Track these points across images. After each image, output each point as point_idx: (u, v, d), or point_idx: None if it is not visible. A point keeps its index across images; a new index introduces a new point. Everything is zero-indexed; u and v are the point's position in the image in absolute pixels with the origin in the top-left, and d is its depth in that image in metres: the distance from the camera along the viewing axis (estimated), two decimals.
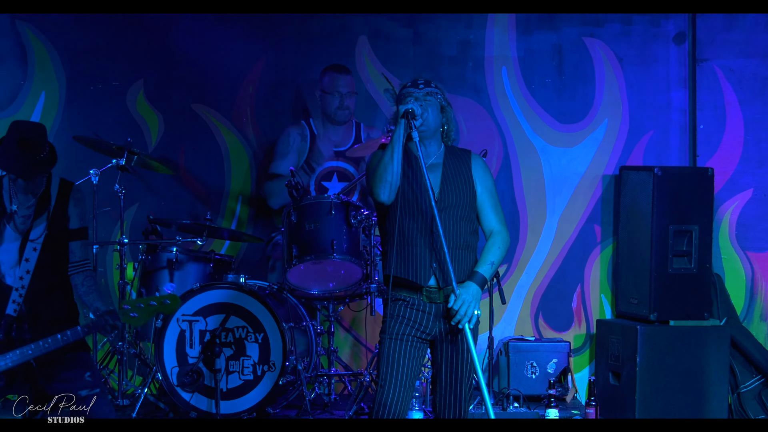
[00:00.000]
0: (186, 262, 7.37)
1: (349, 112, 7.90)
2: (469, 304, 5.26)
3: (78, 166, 7.92)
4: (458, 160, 5.47)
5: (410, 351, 5.33)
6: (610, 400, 7.47)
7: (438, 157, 5.45)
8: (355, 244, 7.23)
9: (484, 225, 5.45)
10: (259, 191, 8.06)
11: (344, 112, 7.88)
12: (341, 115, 7.88)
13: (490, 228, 5.44)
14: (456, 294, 5.26)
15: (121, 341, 7.28)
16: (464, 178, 5.43)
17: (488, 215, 5.45)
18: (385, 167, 5.29)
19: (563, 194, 8.22)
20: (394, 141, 5.31)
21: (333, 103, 7.86)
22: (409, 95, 5.39)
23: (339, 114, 7.88)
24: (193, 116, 8.21)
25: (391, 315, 5.36)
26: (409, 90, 5.42)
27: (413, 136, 5.31)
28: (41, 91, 8.13)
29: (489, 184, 5.47)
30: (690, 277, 7.40)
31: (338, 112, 7.87)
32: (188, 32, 8.17)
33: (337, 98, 7.85)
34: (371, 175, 5.36)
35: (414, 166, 5.37)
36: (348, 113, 7.90)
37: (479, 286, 5.32)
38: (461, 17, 8.17)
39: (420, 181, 5.36)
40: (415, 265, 5.33)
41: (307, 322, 7.26)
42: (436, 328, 5.34)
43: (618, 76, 8.21)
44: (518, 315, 8.22)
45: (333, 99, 7.86)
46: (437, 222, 5.24)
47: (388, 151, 5.30)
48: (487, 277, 5.35)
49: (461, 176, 5.43)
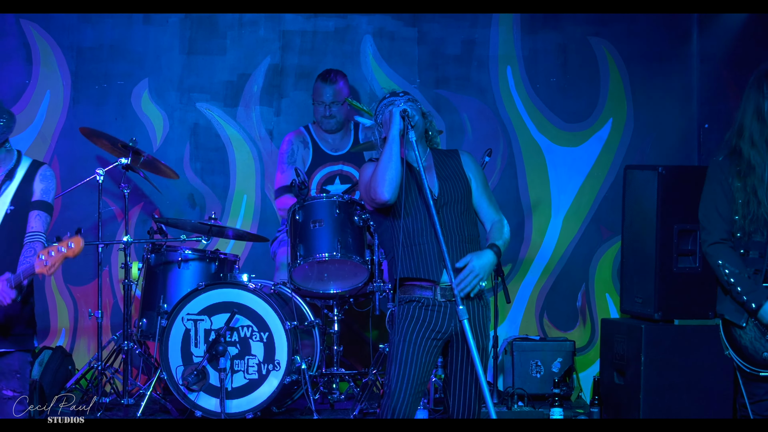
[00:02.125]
0: (191, 261, 7.37)
1: (335, 122, 7.89)
2: (477, 274, 5.26)
3: (83, 165, 7.94)
4: (447, 158, 5.52)
5: (422, 355, 5.30)
6: (615, 399, 7.46)
7: (427, 160, 5.48)
8: (361, 243, 7.23)
9: (483, 218, 5.48)
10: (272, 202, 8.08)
11: (329, 122, 7.88)
12: (326, 123, 7.89)
13: (491, 219, 5.47)
14: (467, 261, 5.26)
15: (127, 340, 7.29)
16: (458, 174, 5.47)
17: (486, 209, 5.49)
18: (385, 167, 5.30)
19: (568, 193, 8.22)
20: (391, 140, 5.33)
21: (318, 111, 7.88)
22: (391, 104, 5.44)
23: (324, 122, 7.89)
24: (197, 115, 8.22)
25: (404, 317, 5.34)
26: (390, 99, 5.48)
27: (410, 135, 5.33)
28: (46, 91, 8.13)
29: (481, 178, 5.52)
30: (695, 276, 7.39)
31: (323, 121, 7.88)
32: (193, 31, 8.18)
33: (321, 108, 7.87)
34: (370, 181, 5.35)
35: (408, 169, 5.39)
36: (334, 122, 7.89)
37: (495, 255, 5.32)
38: (466, 17, 8.18)
39: (418, 181, 5.37)
40: (425, 263, 5.33)
41: (312, 321, 7.27)
42: (451, 328, 5.32)
43: (623, 76, 8.21)
44: (523, 314, 8.22)
45: (318, 108, 7.88)
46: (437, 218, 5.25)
47: (386, 152, 5.32)
48: (502, 251, 5.36)
49: (454, 172, 5.47)
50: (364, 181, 5.44)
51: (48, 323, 8.13)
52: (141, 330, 7.36)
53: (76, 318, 8.16)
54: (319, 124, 7.93)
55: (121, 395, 7.23)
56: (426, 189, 5.29)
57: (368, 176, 5.41)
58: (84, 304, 8.11)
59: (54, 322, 8.15)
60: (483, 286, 5.34)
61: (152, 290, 7.39)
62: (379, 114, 5.49)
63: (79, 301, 8.15)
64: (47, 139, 8.11)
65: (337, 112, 7.87)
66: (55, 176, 5.50)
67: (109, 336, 7.69)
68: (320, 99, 7.87)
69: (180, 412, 7.11)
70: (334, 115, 7.87)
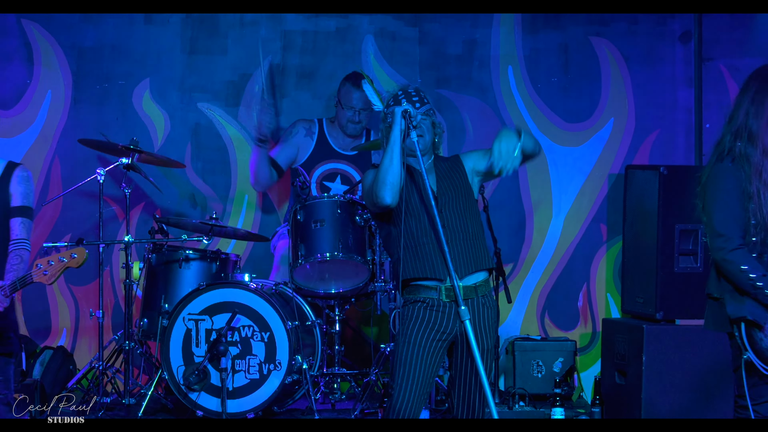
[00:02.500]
0: (192, 261, 7.37)
1: (361, 127, 7.87)
2: (509, 153, 5.24)
3: (84, 165, 7.94)
4: (448, 162, 5.51)
5: (427, 356, 5.29)
6: (616, 399, 7.46)
7: (429, 164, 5.47)
8: (362, 242, 7.23)
9: (489, 154, 5.39)
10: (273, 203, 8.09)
11: (356, 127, 7.85)
12: (352, 128, 7.85)
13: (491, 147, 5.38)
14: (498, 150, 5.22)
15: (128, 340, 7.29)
16: (458, 173, 5.47)
17: (485, 151, 5.44)
18: (386, 169, 5.28)
19: (569, 193, 8.22)
20: (392, 142, 5.30)
21: (345, 115, 7.84)
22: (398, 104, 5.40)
23: (350, 127, 7.85)
24: (199, 115, 8.22)
25: (408, 317, 5.33)
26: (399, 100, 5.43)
27: (411, 135, 5.32)
28: (47, 91, 8.13)
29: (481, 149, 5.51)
30: (696, 276, 7.39)
31: (349, 125, 7.84)
32: (194, 31, 8.18)
33: (350, 113, 7.83)
34: (371, 185, 5.34)
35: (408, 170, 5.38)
36: (360, 128, 7.86)
37: (515, 132, 5.29)
38: (467, 16, 8.17)
39: (418, 182, 5.37)
40: (429, 262, 5.31)
41: (313, 321, 7.27)
42: (456, 329, 5.31)
43: (624, 75, 8.21)
44: (524, 314, 8.22)
45: (345, 112, 7.84)
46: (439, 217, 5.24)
47: (387, 154, 5.30)
48: (522, 132, 5.32)
49: (455, 172, 5.47)
50: (366, 186, 5.44)
51: (49, 323, 8.14)
52: (142, 330, 7.36)
53: (77, 318, 8.16)
54: (342, 128, 7.88)
55: (122, 395, 7.23)
56: (429, 190, 5.28)
57: (369, 182, 5.41)
58: (85, 304, 8.11)
59: (55, 322, 8.15)
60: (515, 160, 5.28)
61: (153, 290, 7.39)
62: (389, 115, 5.45)
63: (80, 301, 8.15)
64: (48, 140, 8.11)
65: (364, 118, 7.85)
66: (31, 177, 5.41)
67: (111, 336, 7.69)
68: (350, 104, 7.81)
69: (181, 412, 7.11)
70: (361, 121, 7.85)
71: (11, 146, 8.03)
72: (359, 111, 7.80)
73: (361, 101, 7.74)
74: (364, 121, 7.85)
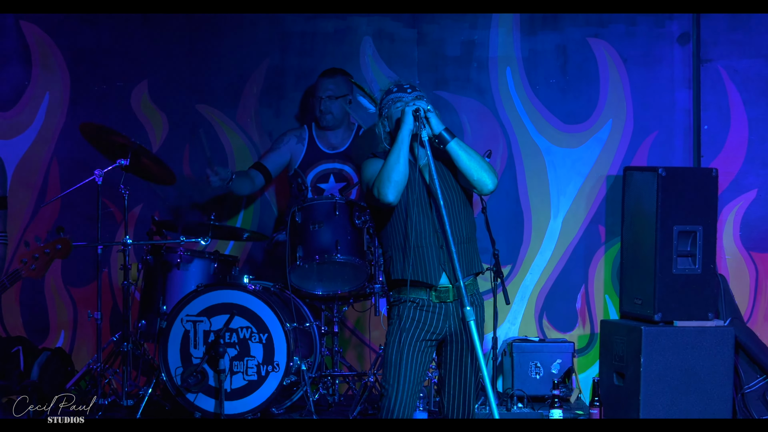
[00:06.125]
0: (190, 262, 7.37)
1: (332, 117, 7.83)
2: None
3: (82, 167, 7.93)
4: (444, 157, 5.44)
5: (417, 355, 5.30)
6: (614, 401, 7.47)
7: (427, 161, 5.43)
8: (360, 244, 7.23)
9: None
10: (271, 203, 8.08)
11: (326, 117, 7.83)
12: (323, 120, 7.84)
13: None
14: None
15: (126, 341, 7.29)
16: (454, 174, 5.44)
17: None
18: (392, 167, 5.27)
19: (567, 194, 8.22)
20: (401, 140, 5.28)
21: (316, 107, 7.85)
22: (399, 100, 5.38)
23: (321, 119, 7.85)
24: (197, 117, 8.22)
25: (398, 317, 5.34)
26: (398, 95, 5.41)
27: (422, 135, 5.29)
28: (45, 92, 8.13)
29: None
30: (694, 277, 7.39)
31: (321, 117, 7.84)
32: (193, 32, 8.18)
33: (318, 102, 7.83)
34: (375, 180, 5.32)
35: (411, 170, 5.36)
36: (331, 118, 7.83)
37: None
38: (465, 17, 8.18)
39: (418, 182, 5.36)
40: (425, 266, 5.32)
41: (311, 322, 7.27)
42: (446, 329, 5.33)
43: (622, 77, 8.21)
44: (522, 315, 8.22)
45: (315, 103, 7.85)
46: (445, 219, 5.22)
47: (394, 152, 5.28)
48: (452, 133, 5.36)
49: (449, 172, 5.44)
50: (367, 178, 5.40)
51: (47, 324, 8.14)
52: (140, 331, 7.36)
53: (75, 319, 8.16)
54: (318, 121, 7.90)
55: (121, 396, 7.23)
56: (438, 192, 5.25)
57: (371, 174, 5.37)
58: (83, 305, 8.11)
59: (53, 324, 8.15)
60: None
61: (151, 292, 7.39)
62: (384, 107, 5.43)
63: (78, 302, 8.15)
64: (47, 141, 8.11)
65: (335, 109, 7.83)
66: (3, 165, 5.38)
67: (109, 337, 7.69)
68: (317, 93, 7.85)
69: (179, 414, 7.11)
70: (331, 111, 7.83)
71: (9, 148, 8.03)
72: (324, 100, 7.78)
73: (328, 91, 7.75)
74: (335, 111, 7.82)
